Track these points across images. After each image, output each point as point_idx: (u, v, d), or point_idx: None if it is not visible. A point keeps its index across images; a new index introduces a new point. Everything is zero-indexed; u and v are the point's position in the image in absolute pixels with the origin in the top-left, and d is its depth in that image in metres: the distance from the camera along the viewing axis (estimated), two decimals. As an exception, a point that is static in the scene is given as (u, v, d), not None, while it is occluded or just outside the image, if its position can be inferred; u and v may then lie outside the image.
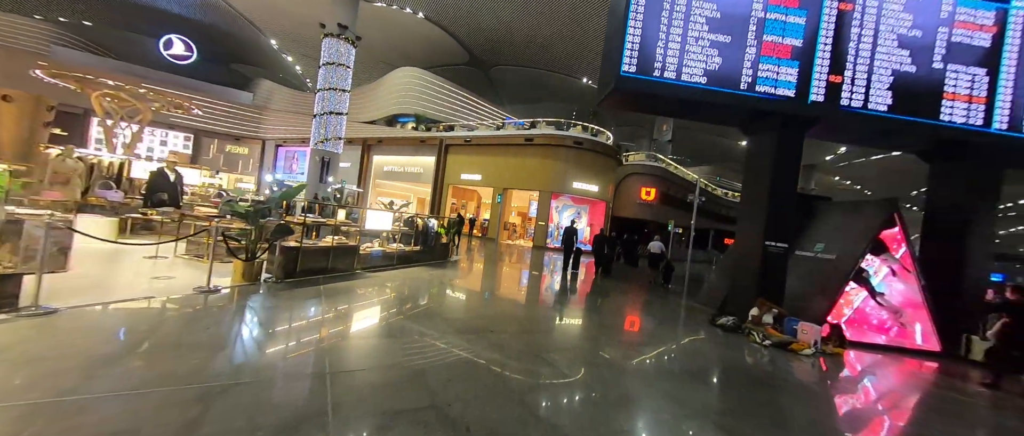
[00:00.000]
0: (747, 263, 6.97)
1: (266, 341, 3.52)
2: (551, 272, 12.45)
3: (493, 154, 23.66)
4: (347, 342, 3.71)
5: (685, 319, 7.19)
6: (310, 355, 3.28)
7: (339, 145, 22.81)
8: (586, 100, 36.78)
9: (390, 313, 5.09)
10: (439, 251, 10.43)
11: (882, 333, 7.06)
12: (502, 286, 8.71)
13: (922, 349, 6.60)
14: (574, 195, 22.32)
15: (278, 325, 4.04)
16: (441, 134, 26.42)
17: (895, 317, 7.32)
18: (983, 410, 4.33)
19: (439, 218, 11.38)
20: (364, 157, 29.46)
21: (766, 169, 6.78)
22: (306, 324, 4.16)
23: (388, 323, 4.66)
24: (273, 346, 3.43)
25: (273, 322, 4.12)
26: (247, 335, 3.57)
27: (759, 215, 6.79)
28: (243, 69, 45.53)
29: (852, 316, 6.95)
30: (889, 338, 6.95)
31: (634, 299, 8.95)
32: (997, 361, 4.97)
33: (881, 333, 7.05)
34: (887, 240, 6.72)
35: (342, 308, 4.95)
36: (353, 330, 4.19)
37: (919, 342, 6.79)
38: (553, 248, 21.80)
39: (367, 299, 5.63)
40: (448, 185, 25.50)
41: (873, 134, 6.98)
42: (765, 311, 6.10)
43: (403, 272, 7.98)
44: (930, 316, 6.52)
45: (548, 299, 7.82)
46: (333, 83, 22.37)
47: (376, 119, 31.43)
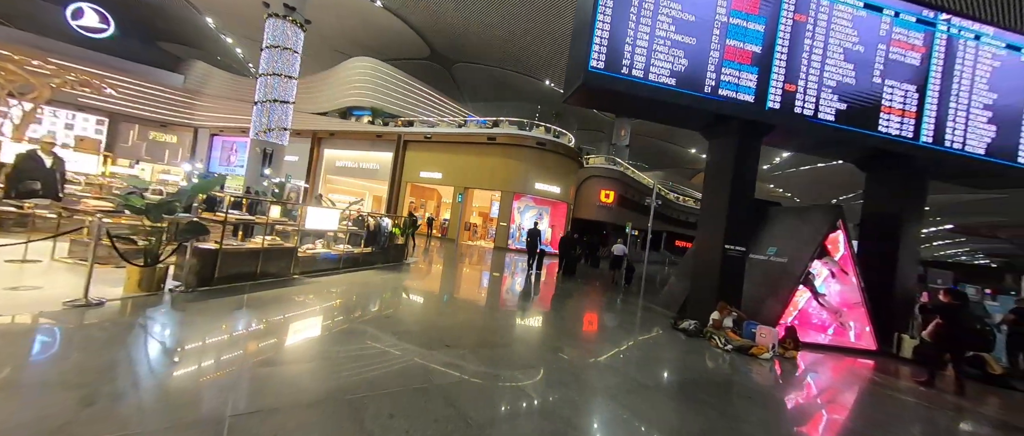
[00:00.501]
0: (707, 266, 7.00)
1: (150, 372, 2.75)
2: (513, 274, 12.08)
3: (454, 152, 22.94)
4: (263, 370, 3.02)
5: (647, 324, 7.09)
6: (208, 390, 2.59)
7: (284, 136, 20.97)
8: (549, 102, 37.04)
9: (326, 327, 4.40)
10: (394, 253, 9.67)
11: (822, 332, 7.42)
12: (461, 290, 8.18)
13: (860, 348, 6.97)
14: (536, 196, 22.19)
15: (174, 348, 3.25)
16: (400, 129, 25.22)
17: (835, 317, 7.74)
18: (932, 410, 4.49)
19: (394, 217, 10.61)
20: (314, 151, 27.45)
21: (726, 173, 6.85)
22: (213, 345, 3.40)
23: (322, 340, 3.99)
24: (158, 379, 2.68)
25: (167, 344, 3.31)
26: (125, 364, 2.78)
27: (719, 219, 6.85)
28: (173, 48, 40.90)
29: (796, 316, 7.24)
30: (828, 337, 7.31)
31: (597, 302, 8.79)
32: (932, 360, 5.28)
33: (821, 332, 7.41)
34: (828, 243, 7.06)
35: (267, 323, 4.19)
36: (274, 352, 3.49)
37: (852, 340, 7.21)
38: (515, 249, 21.50)
39: (301, 310, 4.88)
40: (406, 183, 24.38)
41: (821, 143, 7.32)
42: (726, 315, 6.12)
43: (350, 276, 7.20)
44: (869, 316, 6.91)
45: (510, 304, 7.42)
46: (278, 68, 20.50)
47: (328, 111, 29.41)
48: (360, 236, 8.33)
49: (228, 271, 5.06)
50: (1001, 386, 5.72)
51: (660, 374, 4.47)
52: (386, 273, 8.21)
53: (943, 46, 7.08)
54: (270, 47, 20.35)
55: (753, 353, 5.38)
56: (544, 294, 9.08)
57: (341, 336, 4.12)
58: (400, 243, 10.08)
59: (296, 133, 27.24)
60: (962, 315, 5.02)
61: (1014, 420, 4.54)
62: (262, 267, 5.62)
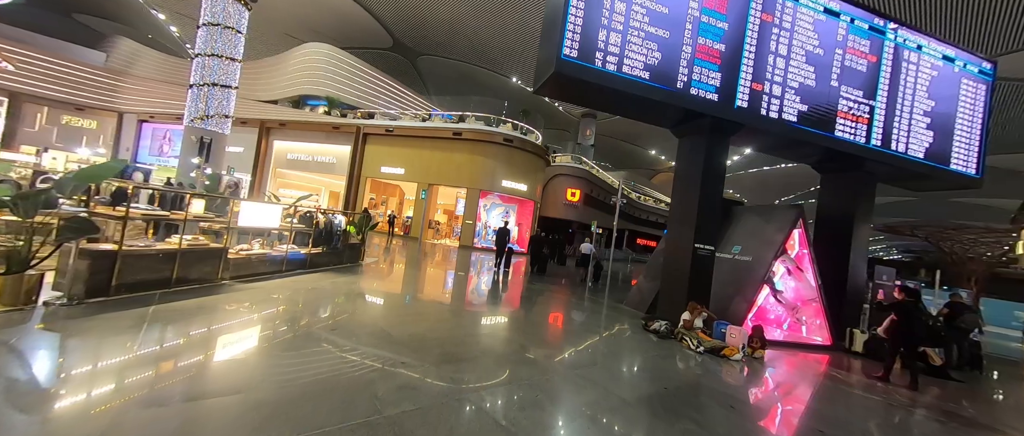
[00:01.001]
0: (677, 265, 6.91)
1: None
2: (479, 274, 11.60)
3: (418, 147, 21.97)
4: (149, 412, 2.34)
5: (617, 325, 6.88)
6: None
7: (226, 125, 19.02)
8: (517, 99, 36.75)
9: (253, 344, 3.70)
10: (348, 253, 8.84)
11: (777, 327, 7.61)
12: (423, 293, 7.57)
13: (815, 343, 7.19)
14: (503, 193, 21.77)
15: (29, 383, 2.47)
16: (359, 121, 23.79)
17: (791, 313, 7.99)
18: (899, 407, 4.56)
19: (348, 214, 9.74)
20: (262, 142, 25.28)
21: (696, 172, 6.78)
22: (83, 377, 2.64)
23: (244, 362, 3.30)
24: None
25: (20, 378, 2.52)
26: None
27: (689, 217, 6.77)
28: (92, 22, 36.26)
29: (755, 313, 7.37)
30: (784, 333, 7.51)
31: (566, 302, 8.52)
32: (889, 356, 5.44)
33: (776, 327, 7.60)
34: (787, 242, 7.24)
35: (173, 344, 3.42)
36: (170, 381, 2.78)
37: (805, 335, 7.46)
38: (481, 248, 20.97)
39: (223, 322, 4.11)
40: (366, 178, 23.05)
41: (783, 143, 7.46)
42: (697, 315, 6.02)
43: (295, 280, 6.38)
44: (825, 313, 7.13)
45: (477, 307, 6.93)
46: (218, 49, 18.51)
47: (279, 99, 27.20)
48: (308, 235, 7.47)
49: (131, 278, 4.17)
50: (941, 377, 6.06)
51: (632, 382, 4.19)
52: (338, 276, 7.42)
53: (891, 55, 7.44)
54: (209, 25, 18.34)
55: (724, 354, 5.29)
56: (513, 294, 8.69)
57: (270, 355, 3.45)
58: (356, 242, 9.26)
59: (240, 122, 24.98)
60: (915, 312, 5.20)
61: (965, 410, 4.74)
62: (180, 272, 4.73)
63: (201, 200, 5.59)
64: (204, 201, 5.62)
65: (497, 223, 22.33)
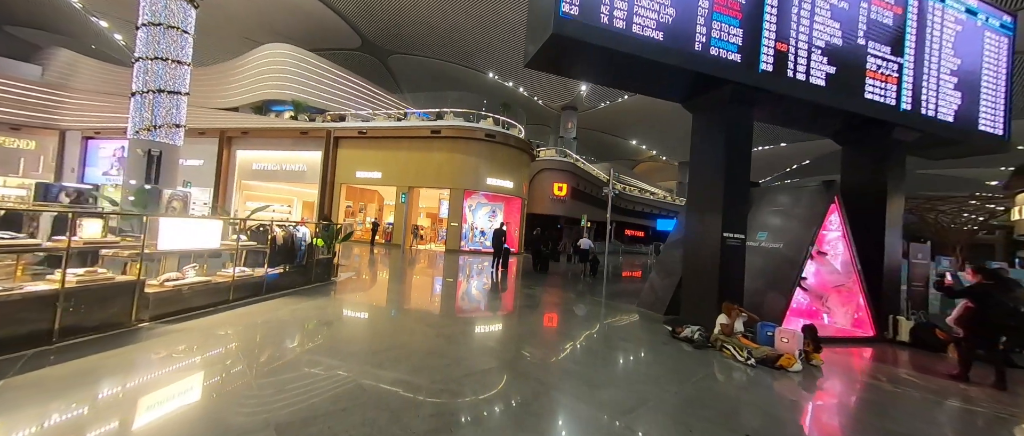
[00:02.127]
0: (702, 260, 5.98)
1: None
2: (470, 279, 10.48)
3: (394, 148, 20.58)
4: None
5: (640, 333, 5.90)
6: None
7: (177, 135, 17.15)
8: (495, 95, 35.56)
9: (159, 424, 2.50)
10: (318, 271, 7.57)
11: (805, 317, 6.80)
12: (408, 317, 6.36)
13: (857, 335, 6.40)
14: (488, 192, 20.64)
15: None
16: (329, 125, 22.19)
17: (818, 302, 7.22)
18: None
19: (317, 224, 8.45)
20: (224, 152, 23.32)
21: (718, 150, 5.86)
22: None
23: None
24: None
25: None
26: None
27: (713, 203, 5.84)
28: (25, 33, 33.13)
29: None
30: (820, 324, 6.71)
31: (575, 308, 7.51)
32: (965, 350, 4.62)
33: (802, 318, 6.78)
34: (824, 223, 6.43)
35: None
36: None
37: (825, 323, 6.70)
38: (469, 251, 19.80)
39: (114, 392, 2.87)
40: (340, 185, 21.50)
41: (807, 113, 6.61)
42: (735, 317, 5.07)
43: (247, 312, 5.12)
44: (867, 301, 6.34)
45: (475, 322, 5.82)
46: (162, 51, 16.64)
47: (240, 106, 25.21)
48: (265, 254, 6.17)
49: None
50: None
51: (687, 413, 3.18)
52: (303, 299, 6.17)
53: (916, 7, 6.71)
54: (149, 25, 16.46)
55: (781, 365, 4.35)
56: (515, 298, 7.62)
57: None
58: (327, 257, 7.99)
59: (198, 132, 23.00)
60: (996, 297, 4.39)
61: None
62: (68, 319, 3.44)
63: (97, 221, 4.22)
64: (102, 222, 4.25)
65: (484, 223, 21.24)
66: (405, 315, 5.95)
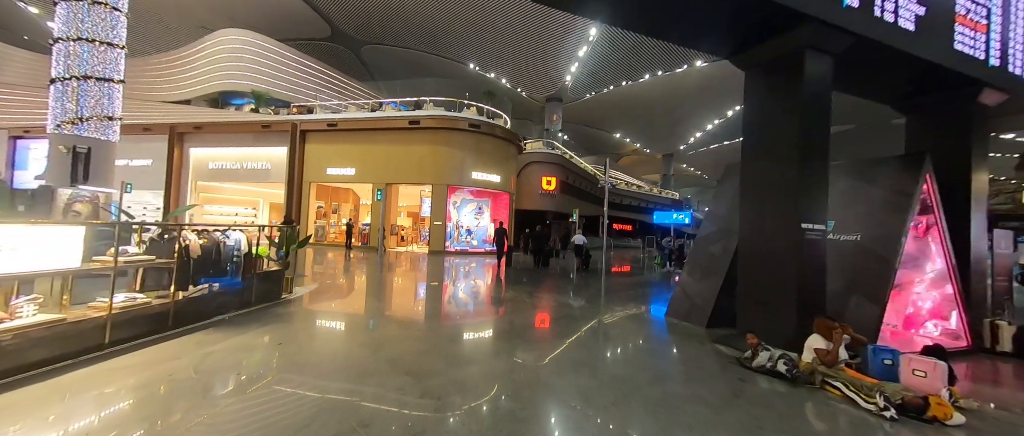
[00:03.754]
0: (767, 261, 4.58)
1: None
2: (463, 284, 8.89)
3: (369, 142, 18.64)
4: None
5: (694, 358, 4.47)
6: None
7: (110, 129, 14.75)
8: (476, 87, 33.74)
9: None
10: (262, 288, 5.82)
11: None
12: (382, 354, 4.72)
13: (950, 347, 5.14)
14: (474, 187, 18.98)
15: None
16: (294, 117, 20.00)
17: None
18: None
19: (271, 228, 6.68)
20: (175, 150, 20.76)
21: (790, 117, 4.43)
22: None
23: None
24: None
25: None
26: None
27: (783, 186, 4.44)
28: (-60, 21, 29.22)
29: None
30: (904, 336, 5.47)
31: (596, 319, 6.03)
32: None
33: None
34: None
35: None
36: None
37: (932, 332, 5.46)
38: (455, 252, 18.12)
39: None
40: (309, 183, 19.41)
41: (883, 70, 5.30)
42: (838, 340, 3.66)
43: (123, 365, 3.39)
44: (962, 304, 5.09)
45: (476, 340, 4.26)
46: (87, 30, 14.17)
47: (192, 98, 22.64)
48: (175, 271, 4.39)
49: None
50: None
51: None
52: (233, 332, 4.44)
53: (1001, -62, 5.49)
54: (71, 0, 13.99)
55: (934, 416, 2.95)
56: (526, 308, 6.08)
57: None
58: (276, 269, 6.23)
59: (143, 129, 20.40)
60: None
61: None
62: None
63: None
64: None
65: (470, 222, 19.61)
66: (380, 353, 4.30)
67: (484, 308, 6.96)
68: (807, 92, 4.33)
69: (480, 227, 19.65)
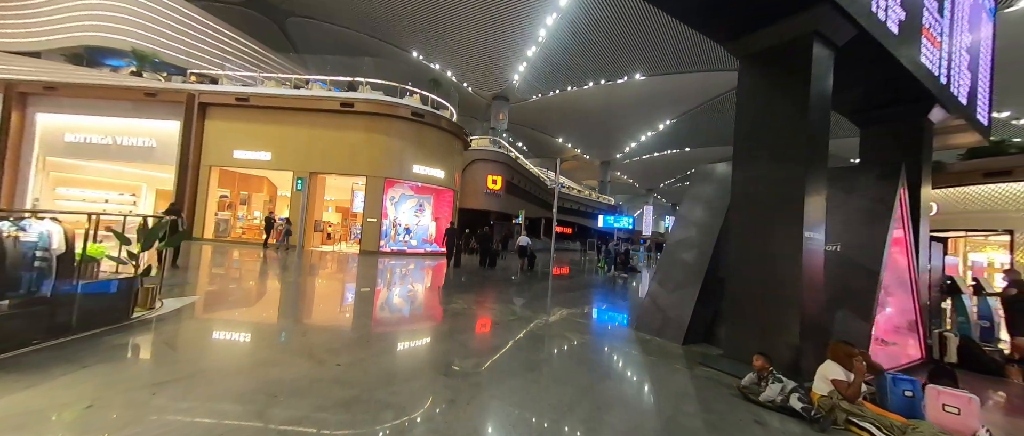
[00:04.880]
0: (766, 274, 4.05)
1: None
2: (396, 291, 7.47)
3: (291, 123, 16.01)
4: None
5: (684, 391, 3.76)
6: None
7: None
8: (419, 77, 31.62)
9: None
10: (98, 305, 3.95)
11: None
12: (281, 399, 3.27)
13: (910, 361, 5.17)
14: (415, 182, 17.31)
15: None
16: (194, 86, 16.52)
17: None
18: None
19: (145, 219, 4.71)
20: (12, 116, 15.89)
21: (796, 111, 3.95)
22: None
23: None
24: None
25: None
26: None
27: (785, 191, 3.93)
28: None
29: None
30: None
31: (557, 333, 5.15)
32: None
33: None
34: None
35: None
36: None
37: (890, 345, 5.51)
38: (390, 252, 16.28)
39: None
40: (209, 167, 16.12)
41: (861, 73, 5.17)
42: (859, 369, 3.15)
43: None
44: (920, 318, 5.13)
45: (408, 372, 3.07)
46: None
47: (43, 50, 17.59)
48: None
49: None
50: None
51: None
52: (8, 392, 2.71)
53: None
54: None
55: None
56: (474, 321, 4.95)
57: None
58: (125, 277, 4.34)
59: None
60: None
61: None
62: None
63: None
64: None
65: (409, 220, 17.85)
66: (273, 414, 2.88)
67: (422, 322, 5.71)
68: (815, 86, 3.88)
69: (420, 226, 18.01)
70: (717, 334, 5.47)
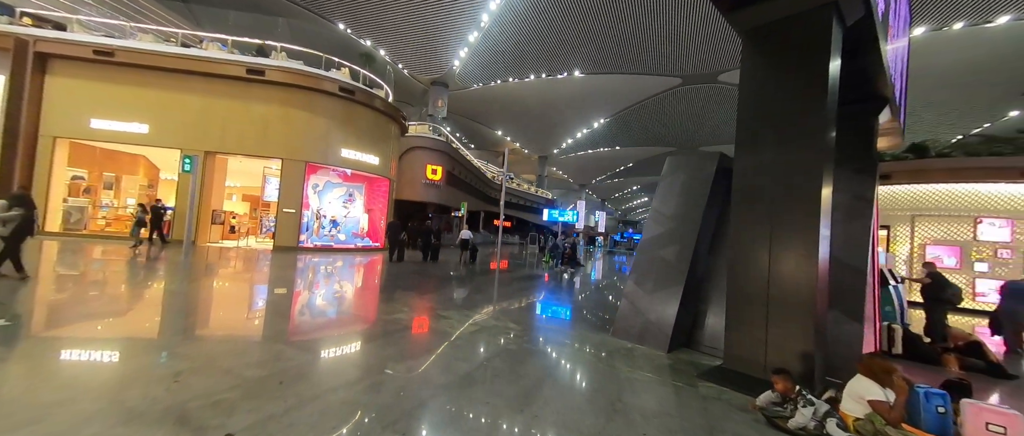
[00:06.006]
0: (778, 277, 3.60)
1: None
2: (320, 293, 5.95)
3: (177, 88, 12.83)
4: None
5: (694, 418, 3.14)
6: None
7: None
8: (349, 49, 28.21)
9: None
10: None
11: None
12: None
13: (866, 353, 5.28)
14: (344, 168, 15.15)
15: None
16: (25, 30, 12.35)
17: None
18: None
19: None
20: None
21: (813, 92, 3.53)
22: None
23: None
24: None
25: None
26: None
27: (801, 183, 3.51)
28: None
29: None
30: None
31: (524, 337, 4.28)
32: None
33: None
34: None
35: None
36: None
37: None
38: (312, 248, 14.04)
39: None
40: (51, 139, 12.29)
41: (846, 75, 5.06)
42: (902, 389, 2.73)
43: None
44: (877, 311, 5.24)
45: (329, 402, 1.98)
46: None
47: None
48: None
49: None
50: (1004, 377, 4.78)
51: None
52: None
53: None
54: None
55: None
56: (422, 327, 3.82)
57: None
58: None
59: None
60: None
61: None
62: None
63: None
64: None
65: (337, 211, 15.59)
66: None
67: (356, 335, 4.45)
68: (833, 63, 3.48)
69: (350, 218, 15.89)
70: (697, 337, 5.09)
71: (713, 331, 4.92)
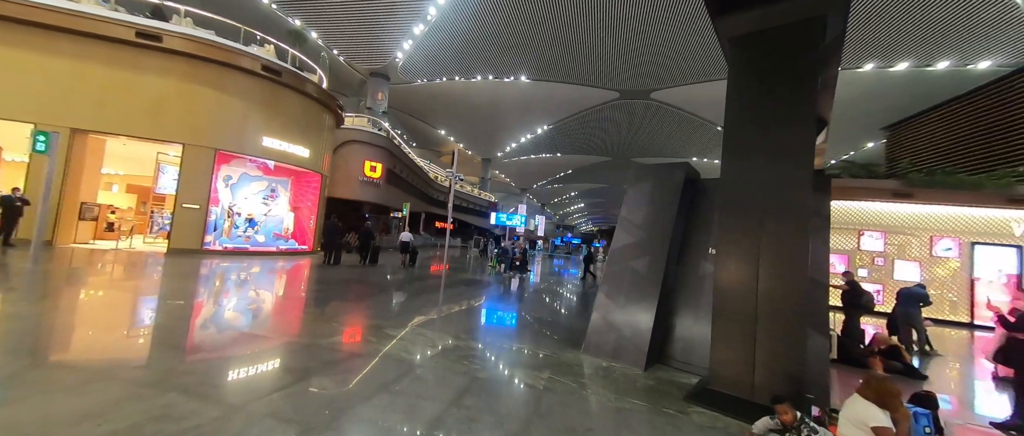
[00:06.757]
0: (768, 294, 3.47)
1: None
2: (229, 304, 4.71)
3: (34, 48, 10.05)
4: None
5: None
6: None
7: None
8: (274, 26, 24.94)
9: None
10: None
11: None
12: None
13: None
14: (265, 160, 13.13)
15: None
16: None
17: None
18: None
19: None
20: None
21: (802, 100, 3.46)
22: None
23: None
24: None
25: None
26: None
27: (792, 194, 3.42)
28: None
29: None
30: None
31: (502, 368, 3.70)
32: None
33: None
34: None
35: None
36: None
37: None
38: (220, 251, 11.88)
39: None
40: None
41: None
42: (905, 415, 2.66)
43: None
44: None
45: None
46: None
47: None
48: None
49: None
50: (918, 378, 5.35)
51: None
52: None
53: None
54: None
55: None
56: (357, 346, 3.02)
57: None
58: None
59: None
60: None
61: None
62: None
63: None
64: None
65: (255, 209, 13.40)
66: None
67: (280, 370, 3.50)
68: (823, 71, 3.45)
69: (272, 216, 13.82)
70: (668, 351, 4.93)
71: (684, 345, 4.79)
